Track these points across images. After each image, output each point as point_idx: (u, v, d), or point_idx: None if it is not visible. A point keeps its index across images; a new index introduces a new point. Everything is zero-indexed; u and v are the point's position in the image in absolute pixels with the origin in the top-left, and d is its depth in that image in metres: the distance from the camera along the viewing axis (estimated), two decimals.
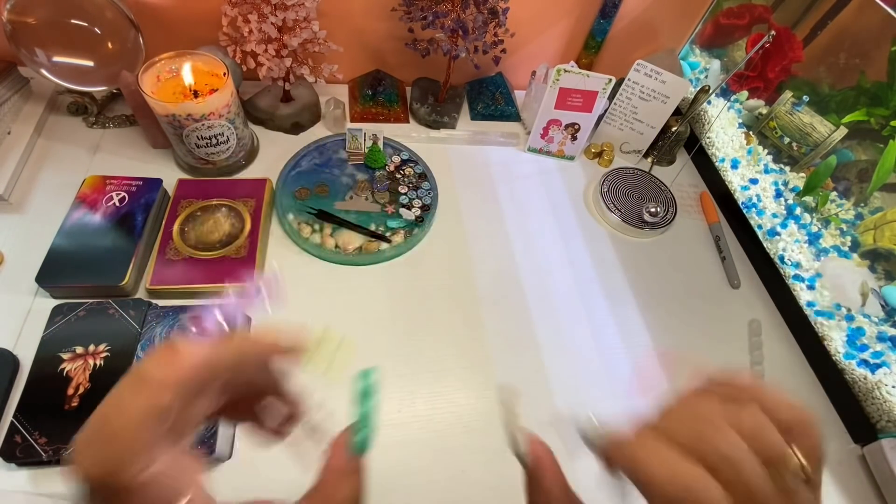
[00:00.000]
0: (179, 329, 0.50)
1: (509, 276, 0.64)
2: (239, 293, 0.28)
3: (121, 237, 0.55)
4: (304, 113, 0.74)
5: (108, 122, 0.69)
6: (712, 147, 0.80)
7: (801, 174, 0.75)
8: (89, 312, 0.50)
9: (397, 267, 0.63)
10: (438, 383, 0.54)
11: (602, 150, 0.80)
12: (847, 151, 0.69)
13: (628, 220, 0.71)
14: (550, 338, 0.60)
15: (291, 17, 0.61)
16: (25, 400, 0.44)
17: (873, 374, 0.56)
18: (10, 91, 0.65)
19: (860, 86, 0.67)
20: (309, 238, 0.62)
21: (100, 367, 0.47)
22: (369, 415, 0.23)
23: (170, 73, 0.60)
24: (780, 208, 0.71)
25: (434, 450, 0.50)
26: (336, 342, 0.24)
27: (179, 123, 0.57)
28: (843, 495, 0.54)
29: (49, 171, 0.63)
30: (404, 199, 0.68)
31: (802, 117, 0.72)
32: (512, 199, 0.73)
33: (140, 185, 0.60)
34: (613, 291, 0.65)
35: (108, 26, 0.61)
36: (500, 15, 0.67)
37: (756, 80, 0.78)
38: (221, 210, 0.60)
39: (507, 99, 0.84)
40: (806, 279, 0.65)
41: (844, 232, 0.68)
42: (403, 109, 0.80)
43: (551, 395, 0.55)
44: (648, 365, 0.26)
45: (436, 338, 0.58)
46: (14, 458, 0.42)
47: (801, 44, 0.73)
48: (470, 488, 0.48)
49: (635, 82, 0.73)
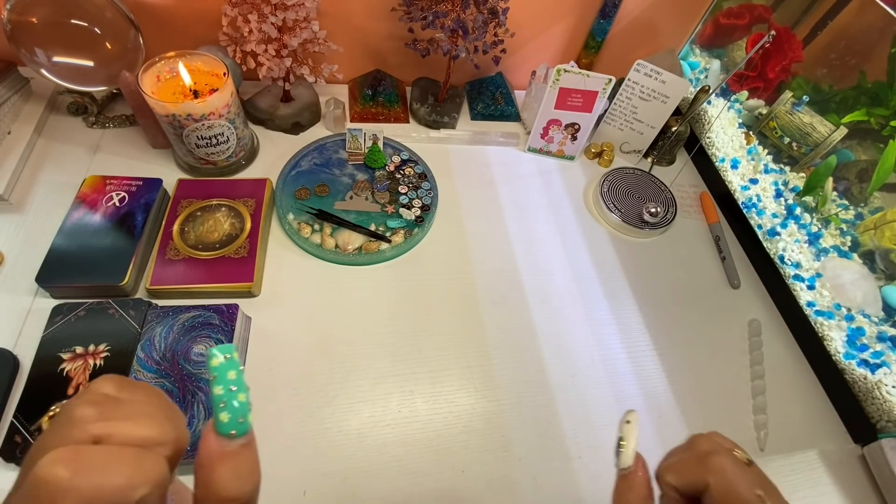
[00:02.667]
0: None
1: (509, 276, 0.64)
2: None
3: (121, 237, 0.55)
4: (304, 113, 0.74)
5: (108, 122, 0.69)
6: (712, 147, 0.80)
7: (801, 174, 0.75)
8: (89, 312, 0.50)
9: (397, 267, 0.63)
10: (438, 383, 0.54)
11: (602, 150, 0.80)
12: (847, 151, 0.69)
13: (628, 220, 0.71)
14: (550, 338, 0.60)
15: (291, 17, 0.61)
16: (25, 400, 0.44)
17: (873, 374, 0.56)
18: (10, 91, 0.65)
19: (860, 86, 0.67)
20: (309, 238, 0.62)
21: (100, 367, 0.47)
22: (229, 393, 0.21)
23: (170, 73, 0.60)
24: (780, 208, 0.71)
25: (434, 450, 0.50)
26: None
27: (179, 123, 0.57)
28: (843, 495, 0.54)
29: (49, 171, 0.63)
30: (404, 199, 0.68)
31: (802, 117, 0.72)
32: (512, 199, 0.73)
33: (140, 185, 0.60)
34: (613, 291, 0.65)
35: (108, 26, 0.61)
36: (500, 15, 0.66)
37: (756, 80, 0.78)
38: (221, 210, 0.60)
39: (507, 99, 0.84)
40: (806, 279, 0.65)
41: (844, 232, 0.68)
42: (403, 109, 0.80)
43: (551, 395, 0.55)
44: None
45: (436, 338, 0.58)
46: (14, 459, 0.42)
47: (801, 44, 0.73)
48: (470, 488, 0.48)
49: (635, 82, 0.74)
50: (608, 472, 0.52)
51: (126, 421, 0.21)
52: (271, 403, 0.50)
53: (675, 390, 0.58)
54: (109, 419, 0.20)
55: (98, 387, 0.22)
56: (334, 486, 0.47)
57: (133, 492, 0.18)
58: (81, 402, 0.21)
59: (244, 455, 0.22)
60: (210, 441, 0.21)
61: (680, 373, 0.59)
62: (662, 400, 0.57)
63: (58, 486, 0.17)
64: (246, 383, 0.22)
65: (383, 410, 0.52)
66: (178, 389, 0.46)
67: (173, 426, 0.22)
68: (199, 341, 0.49)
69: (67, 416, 0.20)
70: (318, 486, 0.46)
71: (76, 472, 0.18)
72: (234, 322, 0.50)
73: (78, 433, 0.20)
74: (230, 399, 0.22)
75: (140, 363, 0.47)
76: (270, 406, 0.50)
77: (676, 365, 0.60)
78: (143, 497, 0.19)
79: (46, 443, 0.19)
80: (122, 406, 0.21)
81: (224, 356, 0.22)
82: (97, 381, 0.23)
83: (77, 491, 0.17)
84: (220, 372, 0.22)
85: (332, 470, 0.48)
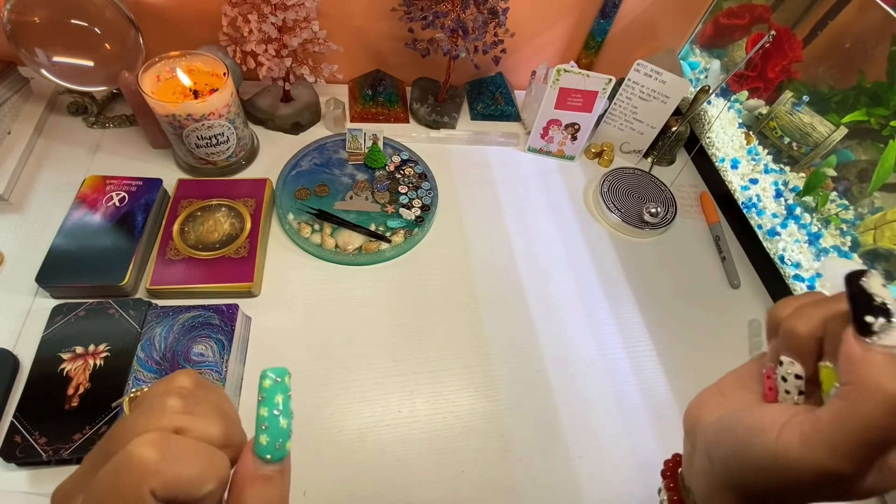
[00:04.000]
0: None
1: (509, 276, 0.64)
2: None
3: (121, 237, 0.55)
4: (304, 113, 0.74)
5: (108, 122, 0.69)
6: (712, 147, 0.80)
7: (801, 174, 0.75)
8: (89, 312, 0.50)
9: (397, 267, 0.63)
10: (438, 383, 0.54)
11: (602, 150, 0.80)
12: (847, 151, 0.69)
13: (628, 220, 0.71)
14: (550, 337, 0.60)
15: (291, 17, 0.61)
16: (25, 400, 0.44)
17: None
18: (10, 91, 0.65)
19: (860, 86, 0.67)
20: (309, 238, 0.62)
21: (100, 366, 0.47)
22: (273, 416, 0.22)
23: (170, 73, 0.60)
24: (780, 208, 0.71)
25: (434, 450, 0.50)
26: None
27: (179, 123, 0.57)
28: None
29: (49, 171, 0.63)
30: (404, 199, 0.68)
31: (802, 117, 0.72)
32: (512, 199, 0.73)
33: (140, 185, 0.60)
34: (613, 291, 0.65)
35: (108, 26, 0.61)
36: (500, 15, 0.66)
37: (756, 80, 0.78)
38: (221, 210, 0.60)
39: (507, 99, 0.84)
40: (806, 279, 0.65)
41: (844, 232, 0.68)
42: (403, 109, 0.80)
43: (551, 395, 0.55)
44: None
45: (436, 338, 0.58)
46: (14, 458, 0.42)
47: (801, 44, 0.73)
48: (470, 488, 0.48)
49: (635, 82, 0.74)
50: (608, 472, 0.52)
51: (204, 418, 0.22)
52: None
53: (675, 390, 0.58)
54: (191, 413, 0.22)
55: (181, 380, 0.24)
56: (334, 486, 0.47)
57: (203, 486, 0.20)
58: (169, 392, 0.22)
59: (276, 482, 0.22)
60: (247, 460, 0.22)
61: (680, 373, 0.59)
62: (662, 400, 0.57)
63: (147, 467, 0.18)
64: (292, 410, 0.22)
65: (383, 410, 0.52)
66: None
67: (238, 431, 0.24)
68: (199, 341, 0.49)
69: (158, 404, 0.22)
70: (318, 487, 0.46)
71: (164, 457, 0.19)
72: (234, 322, 0.50)
73: (165, 421, 0.21)
74: (273, 422, 0.22)
75: (140, 363, 0.47)
76: None
77: (676, 365, 0.60)
78: (210, 492, 0.20)
79: (134, 424, 0.21)
80: (200, 403, 0.23)
81: (276, 379, 0.22)
82: (179, 375, 0.24)
83: (161, 475, 0.18)
84: (269, 394, 0.22)
85: (332, 470, 0.48)
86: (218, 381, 0.46)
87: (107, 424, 0.44)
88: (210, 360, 0.48)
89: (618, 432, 0.54)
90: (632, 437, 0.54)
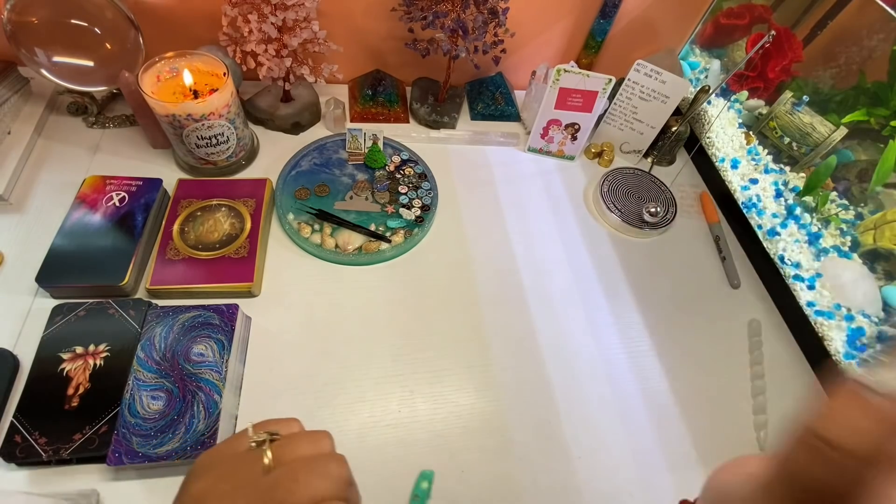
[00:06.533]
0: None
1: (509, 276, 0.64)
2: None
3: (121, 237, 0.55)
4: (304, 113, 0.74)
5: (108, 122, 0.69)
6: (712, 147, 0.80)
7: (801, 174, 0.75)
8: (89, 312, 0.50)
9: (397, 267, 0.63)
10: (438, 383, 0.54)
11: (602, 150, 0.80)
12: (847, 151, 0.69)
13: (628, 220, 0.71)
14: (550, 338, 0.60)
15: (291, 17, 0.61)
16: (25, 400, 0.44)
17: None
18: (10, 91, 0.65)
19: (860, 86, 0.67)
20: (309, 238, 0.62)
21: (100, 366, 0.47)
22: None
23: (170, 73, 0.60)
24: (780, 208, 0.71)
25: (434, 450, 0.50)
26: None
27: (179, 123, 0.57)
28: None
29: (49, 171, 0.63)
30: (404, 199, 0.68)
31: (802, 117, 0.72)
32: (512, 199, 0.73)
33: (140, 185, 0.60)
34: (613, 291, 0.65)
35: (108, 26, 0.61)
36: (500, 15, 0.67)
37: (756, 80, 0.78)
38: (221, 210, 0.60)
39: (507, 99, 0.84)
40: (806, 279, 0.65)
41: (844, 232, 0.68)
42: (403, 109, 0.80)
43: (551, 395, 0.55)
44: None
45: (436, 338, 0.58)
46: (14, 458, 0.42)
47: (801, 44, 0.73)
48: (470, 488, 0.48)
49: (635, 82, 0.74)
50: (608, 472, 0.52)
51: (355, 487, 0.27)
52: (271, 404, 0.50)
53: (675, 390, 0.58)
54: (351, 485, 0.27)
55: (326, 444, 0.29)
56: None
57: None
58: (332, 458, 0.27)
59: None
60: None
61: (680, 372, 0.59)
62: (662, 400, 0.57)
63: None
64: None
65: (383, 410, 0.52)
66: (178, 389, 0.46)
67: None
68: (199, 341, 0.49)
69: (323, 467, 0.26)
70: None
71: None
72: (234, 322, 0.50)
73: (341, 492, 0.25)
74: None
75: (140, 363, 0.47)
76: (270, 406, 0.50)
77: (676, 365, 0.60)
78: None
79: (308, 487, 0.24)
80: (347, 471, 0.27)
81: (429, 484, 0.30)
82: (324, 438, 0.29)
83: None
84: (422, 495, 0.30)
85: None
86: (218, 381, 0.46)
87: (107, 424, 0.44)
88: (210, 360, 0.48)
89: (618, 432, 0.54)
90: (632, 437, 0.54)
